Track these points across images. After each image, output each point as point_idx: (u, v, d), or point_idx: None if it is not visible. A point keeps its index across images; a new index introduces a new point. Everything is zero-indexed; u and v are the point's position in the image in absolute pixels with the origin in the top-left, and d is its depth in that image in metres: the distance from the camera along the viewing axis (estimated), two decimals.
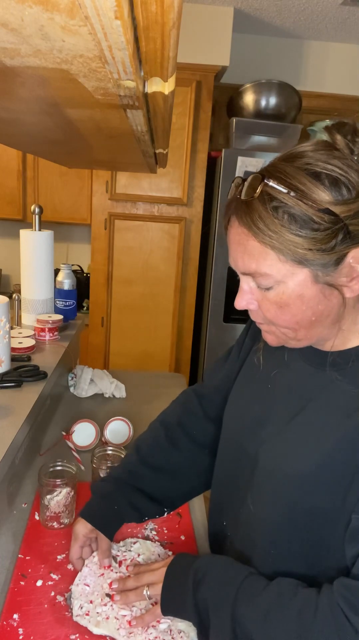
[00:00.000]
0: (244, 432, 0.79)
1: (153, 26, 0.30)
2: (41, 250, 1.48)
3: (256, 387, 0.81)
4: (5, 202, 2.90)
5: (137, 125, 0.63)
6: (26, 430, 0.95)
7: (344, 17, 2.54)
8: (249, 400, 0.81)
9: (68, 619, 0.76)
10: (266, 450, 0.73)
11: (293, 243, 0.59)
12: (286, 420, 0.72)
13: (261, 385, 0.80)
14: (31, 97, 0.52)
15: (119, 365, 2.95)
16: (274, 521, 0.71)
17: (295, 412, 0.71)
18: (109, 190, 2.72)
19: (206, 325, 2.82)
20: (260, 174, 0.62)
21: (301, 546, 0.68)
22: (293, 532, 0.68)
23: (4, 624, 0.74)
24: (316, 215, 0.58)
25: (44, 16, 0.27)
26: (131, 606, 0.76)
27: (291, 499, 0.68)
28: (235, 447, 0.81)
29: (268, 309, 0.66)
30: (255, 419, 0.77)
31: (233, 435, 0.83)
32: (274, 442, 0.73)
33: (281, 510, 0.69)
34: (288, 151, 0.64)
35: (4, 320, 1.07)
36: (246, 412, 0.80)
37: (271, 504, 0.71)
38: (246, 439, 0.78)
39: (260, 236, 0.61)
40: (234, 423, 0.83)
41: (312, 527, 0.66)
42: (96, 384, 1.64)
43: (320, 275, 0.61)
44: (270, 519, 0.71)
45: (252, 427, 0.77)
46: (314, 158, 0.60)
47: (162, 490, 0.90)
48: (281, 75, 2.79)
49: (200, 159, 2.71)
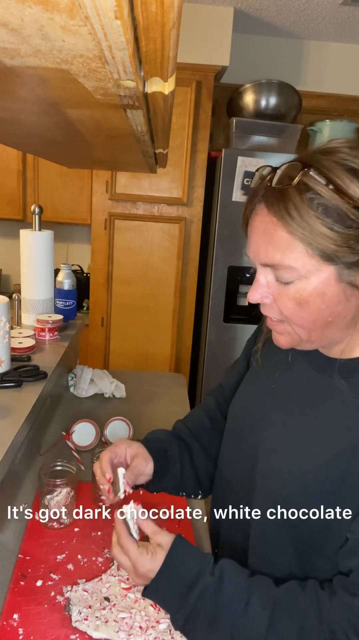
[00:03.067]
0: (244, 431, 0.79)
1: (153, 26, 0.30)
2: (41, 250, 1.47)
3: (260, 386, 0.80)
4: (5, 202, 2.90)
5: (137, 125, 0.63)
6: (26, 430, 0.95)
7: (344, 17, 2.54)
8: (252, 398, 0.81)
9: (68, 619, 0.76)
10: (265, 453, 0.73)
11: (324, 237, 0.57)
12: (286, 425, 0.71)
13: (264, 385, 0.79)
14: (31, 97, 0.52)
15: (119, 365, 2.95)
16: (269, 522, 0.70)
17: (295, 417, 0.71)
18: (109, 190, 2.72)
19: (206, 325, 2.82)
20: (299, 162, 0.60)
21: (295, 548, 0.68)
22: (287, 534, 0.68)
23: (4, 624, 0.74)
24: (351, 211, 0.57)
25: (44, 16, 0.27)
26: (130, 609, 0.76)
27: (287, 504, 0.67)
28: (236, 446, 0.81)
29: (285, 304, 0.64)
30: (256, 418, 0.77)
31: (234, 433, 0.83)
32: (273, 446, 0.72)
33: (277, 513, 0.69)
34: (323, 145, 0.62)
35: (4, 320, 1.07)
36: (248, 411, 0.80)
37: (268, 505, 0.70)
38: (246, 438, 0.78)
39: (291, 226, 0.58)
40: (236, 421, 0.84)
41: (306, 531, 0.66)
42: (96, 384, 1.64)
43: (345, 274, 0.60)
44: (266, 519, 0.71)
45: (253, 426, 0.77)
46: (352, 154, 0.59)
47: (204, 469, 0.91)
48: (281, 75, 2.79)
49: (200, 159, 2.71)
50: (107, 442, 1.32)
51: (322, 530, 0.65)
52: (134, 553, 0.69)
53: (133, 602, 0.78)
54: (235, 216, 2.63)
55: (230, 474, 0.83)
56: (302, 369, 0.74)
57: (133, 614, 0.75)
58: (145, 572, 0.68)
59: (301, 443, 0.69)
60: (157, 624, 0.74)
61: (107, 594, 0.79)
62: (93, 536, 0.96)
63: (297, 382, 0.74)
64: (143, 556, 0.69)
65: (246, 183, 2.57)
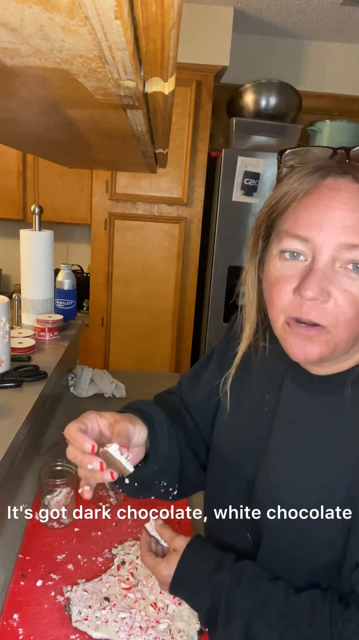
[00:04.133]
0: (240, 460, 0.72)
1: (153, 26, 0.30)
2: (41, 250, 1.47)
3: (252, 407, 0.73)
4: (5, 202, 2.90)
5: (137, 125, 0.63)
6: (26, 430, 0.95)
7: (344, 17, 2.54)
8: (244, 423, 0.73)
9: (68, 619, 0.76)
10: (265, 482, 0.68)
11: None
12: (283, 449, 0.67)
13: (257, 408, 0.72)
14: (31, 97, 0.52)
15: (119, 365, 2.95)
16: (275, 549, 0.67)
17: (290, 441, 0.67)
18: (109, 190, 2.72)
19: (206, 325, 2.82)
20: None
21: (311, 572, 0.65)
22: (296, 559, 0.65)
23: (4, 624, 0.74)
24: None
25: (44, 16, 0.27)
26: (130, 609, 0.76)
27: (295, 535, 0.64)
28: (229, 470, 0.75)
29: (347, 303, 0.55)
30: (252, 445, 0.71)
31: (226, 462, 0.75)
32: (272, 474, 0.68)
33: (282, 541, 0.66)
34: None
35: (4, 320, 1.07)
36: (242, 438, 0.73)
37: (271, 535, 0.67)
38: (242, 463, 0.72)
39: None
40: (228, 448, 0.75)
41: (322, 557, 0.64)
42: (96, 384, 1.64)
43: None
44: (271, 548, 0.68)
45: (250, 455, 0.71)
46: None
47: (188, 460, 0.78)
48: (281, 75, 2.79)
49: (200, 159, 2.71)
50: None
51: (339, 555, 0.62)
52: (151, 564, 0.72)
53: (133, 602, 0.78)
54: (235, 216, 2.63)
55: (226, 497, 0.74)
56: (291, 389, 0.68)
57: (133, 614, 0.75)
58: (163, 579, 0.70)
59: (300, 472, 0.65)
60: (157, 624, 0.74)
61: (107, 594, 0.79)
62: (93, 536, 0.96)
63: (290, 405, 0.68)
64: (159, 565, 0.71)
65: (246, 183, 2.57)
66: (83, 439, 0.59)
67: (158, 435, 0.70)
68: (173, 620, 0.75)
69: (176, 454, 0.74)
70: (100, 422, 0.64)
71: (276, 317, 0.60)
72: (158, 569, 0.71)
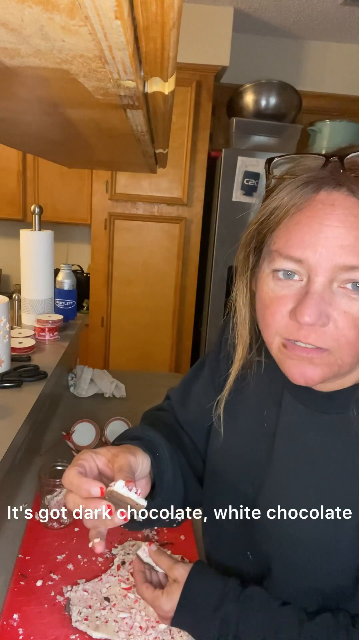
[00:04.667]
0: (239, 476, 0.69)
1: (153, 26, 0.30)
2: (41, 250, 1.47)
3: (250, 424, 0.69)
4: (5, 202, 2.90)
5: (137, 125, 0.63)
6: (26, 430, 0.95)
7: (344, 17, 2.54)
8: (241, 440, 0.69)
9: (68, 619, 0.76)
10: (267, 502, 0.64)
11: None
12: (287, 469, 0.64)
13: (255, 423, 0.68)
14: (31, 97, 0.52)
15: (119, 365, 2.95)
16: (286, 578, 0.64)
17: (294, 460, 0.63)
18: (109, 190, 2.72)
19: (206, 325, 2.82)
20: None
21: (323, 597, 0.62)
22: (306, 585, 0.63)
23: (4, 624, 0.74)
24: None
25: (44, 16, 0.27)
26: (130, 609, 0.76)
27: (303, 561, 0.62)
28: (228, 490, 0.71)
29: (348, 325, 0.51)
30: (252, 464, 0.67)
31: (225, 476, 0.71)
32: (278, 501, 0.63)
33: (293, 570, 0.63)
34: None
35: (4, 320, 1.07)
36: (241, 455, 0.69)
37: (280, 563, 0.64)
38: (242, 484, 0.68)
39: None
40: (227, 462, 0.71)
41: (333, 584, 0.61)
42: (96, 384, 1.64)
43: None
44: (280, 576, 0.65)
45: (249, 470, 0.68)
46: None
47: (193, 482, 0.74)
48: (281, 75, 2.79)
49: (200, 159, 2.71)
50: (107, 442, 1.32)
51: (350, 579, 0.59)
52: (150, 598, 0.66)
53: (133, 602, 0.78)
54: (235, 216, 2.63)
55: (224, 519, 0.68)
56: (291, 406, 0.64)
57: (133, 614, 0.75)
58: (164, 613, 0.65)
59: (306, 498, 0.61)
60: (157, 624, 0.74)
61: (107, 594, 0.79)
62: None
63: (292, 422, 0.64)
64: (159, 599, 0.65)
65: (246, 183, 2.57)
66: (87, 483, 0.52)
67: (161, 462, 0.64)
68: None
69: (180, 480, 0.68)
70: (97, 460, 0.57)
71: (271, 339, 0.57)
72: (158, 603, 0.65)
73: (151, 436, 0.66)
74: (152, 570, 0.71)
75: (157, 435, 0.67)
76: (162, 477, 0.63)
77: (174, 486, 0.66)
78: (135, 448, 0.61)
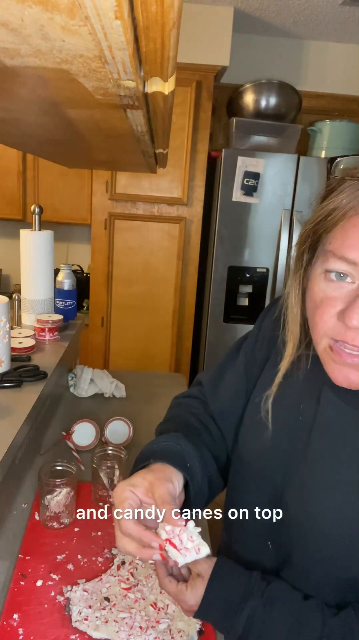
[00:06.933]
0: (269, 469, 0.70)
1: (153, 26, 0.30)
2: (41, 250, 1.47)
3: (285, 416, 0.70)
4: (5, 202, 2.90)
5: (137, 125, 0.63)
6: (26, 430, 0.95)
7: (345, 17, 2.54)
8: (276, 430, 0.70)
9: (68, 619, 0.76)
10: (300, 501, 0.66)
11: None
12: (323, 461, 0.64)
13: (291, 416, 0.69)
14: (31, 97, 0.52)
15: (119, 365, 2.95)
16: (306, 569, 0.65)
17: (331, 453, 0.64)
18: (109, 190, 2.72)
19: (206, 325, 2.82)
20: None
21: (339, 590, 0.63)
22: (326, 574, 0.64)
23: (4, 624, 0.74)
24: None
25: (44, 16, 0.27)
26: (130, 609, 0.76)
27: (327, 555, 0.62)
28: (256, 478, 0.72)
29: None
30: (284, 456, 0.68)
31: (255, 465, 0.73)
32: (311, 495, 0.64)
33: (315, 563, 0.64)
34: None
35: (4, 320, 1.07)
36: (273, 446, 0.70)
37: (302, 553, 0.65)
38: (272, 471, 0.69)
39: None
40: (257, 457, 0.73)
41: (344, 569, 0.62)
42: (96, 384, 1.64)
43: None
44: (302, 567, 0.66)
45: (281, 461, 0.69)
46: None
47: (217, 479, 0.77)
48: (281, 75, 2.79)
49: (200, 159, 2.71)
50: (107, 442, 1.32)
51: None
52: (174, 593, 0.66)
53: (133, 602, 0.78)
54: (235, 216, 2.64)
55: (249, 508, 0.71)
56: (330, 401, 0.65)
57: (133, 614, 0.75)
58: (189, 607, 0.66)
59: (343, 494, 0.62)
60: (157, 624, 0.74)
61: (107, 594, 0.79)
62: (93, 536, 0.96)
63: (330, 417, 0.65)
64: (183, 593, 0.65)
65: (246, 183, 2.57)
66: (148, 537, 0.58)
67: (192, 473, 0.68)
68: (173, 620, 0.75)
69: (206, 481, 0.73)
70: (137, 492, 0.62)
71: (319, 339, 0.59)
72: (182, 597, 0.65)
73: (182, 446, 0.70)
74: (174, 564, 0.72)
75: (185, 442, 0.71)
76: (193, 486, 0.68)
77: (201, 490, 0.70)
78: (169, 469, 0.65)
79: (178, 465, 0.66)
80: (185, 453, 0.69)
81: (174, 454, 0.68)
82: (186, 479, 0.67)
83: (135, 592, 0.80)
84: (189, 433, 0.76)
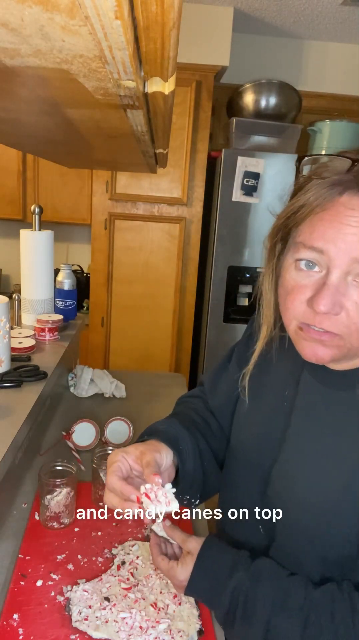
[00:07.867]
0: (257, 452, 0.74)
1: (153, 26, 0.30)
2: (41, 250, 1.48)
3: (268, 404, 0.75)
4: (5, 202, 2.90)
5: (137, 125, 0.63)
6: (26, 430, 0.95)
7: (344, 17, 2.54)
8: (262, 417, 0.76)
9: (68, 619, 0.76)
10: (282, 473, 0.70)
11: None
12: (301, 440, 0.69)
13: (273, 403, 0.74)
14: (31, 97, 0.52)
15: (119, 365, 2.95)
16: (289, 543, 0.68)
17: (318, 437, 0.68)
18: (109, 190, 2.72)
19: (206, 325, 2.82)
20: None
21: (324, 566, 0.66)
22: (310, 553, 0.66)
23: (4, 624, 0.74)
24: None
25: (44, 16, 0.27)
26: (130, 609, 0.76)
27: (310, 528, 0.65)
28: (246, 462, 0.77)
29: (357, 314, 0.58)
30: (271, 439, 0.73)
31: (244, 453, 0.78)
32: (289, 464, 0.69)
33: (297, 535, 0.67)
34: None
35: (4, 320, 1.07)
36: (261, 431, 0.75)
37: (286, 529, 0.69)
38: (259, 455, 0.74)
39: None
40: (246, 441, 0.78)
41: (328, 547, 0.65)
42: (96, 384, 1.64)
43: None
44: (285, 542, 0.69)
45: (267, 447, 0.73)
46: None
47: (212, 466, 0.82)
48: (281, 75, 2.79)
49: (200, 159, 2.71)
50: (107, 442, 1.32)
51: (353, 547, 0.63)
52: (165, 568, 0.71)
53: (133, 602, 0.78)
54: (235, 216, 2.64)
55: (240, 493, 0.77)
56: (308, 383, 0.70)
57: (133, 614, 0.75)
58: (179, 582, 0.70)
59: (322, 467, 0.66)
60: (157, 624, 0.74)
61: (107, 594, 0.79)
62: (93, 536, 0.96)
63: (308, 398, 0.70)
64: (174, 569, 0.70)
65: (246, 183, 2.57)
66: (127, 489, 0.65)
67: (184, 454, 0.76)
68: (173, 620, 0.75)
69: (200, 467, 0.79)
70: (128, 458, 0.69)
71: (289, 322, 0.64)
72: (173, 573, 0.70)
73: (175, 430, 0.77)
74: (167, 543, 0.75)
75: (181, 428, 0.78)
76: (184, 467, 0.75)
77: (194, 474, 0.77)
78: (160, 444, 0.73)
79: (169, 442, 0.74)
80: (179, 435, 0.77)
81: (165, 432, 0.76)
82: (176, 456, 0.74)
83: (135, 592, 0.80)
84: (189, 425, 0.82)
